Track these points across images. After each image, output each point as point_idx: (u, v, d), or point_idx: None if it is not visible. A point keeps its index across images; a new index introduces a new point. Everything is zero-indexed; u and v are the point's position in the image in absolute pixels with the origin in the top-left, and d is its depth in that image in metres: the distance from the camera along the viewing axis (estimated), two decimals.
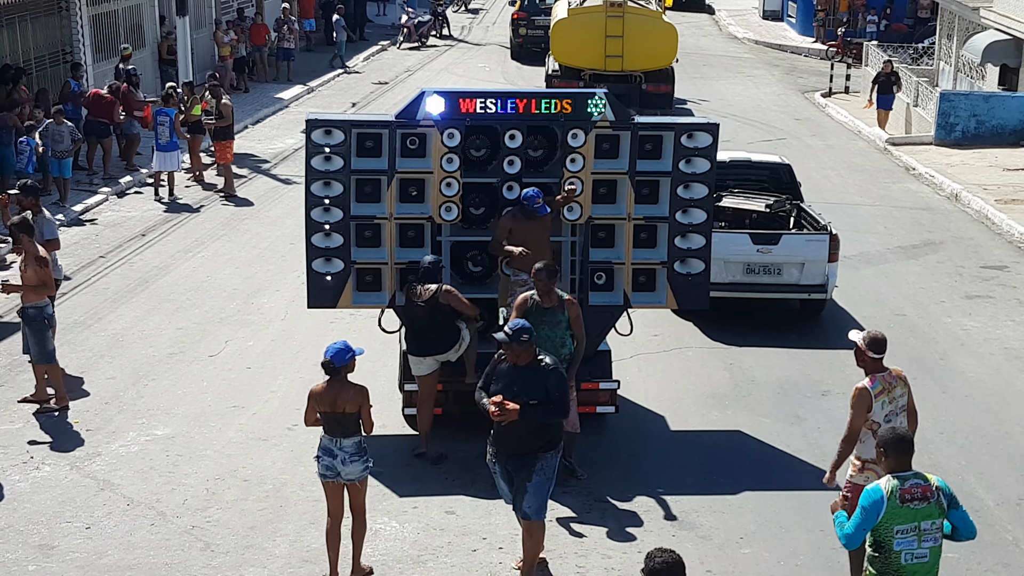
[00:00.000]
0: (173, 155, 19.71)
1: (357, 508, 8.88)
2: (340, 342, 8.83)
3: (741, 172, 15.92)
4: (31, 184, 13.00)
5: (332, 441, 8.70)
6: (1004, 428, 11.89)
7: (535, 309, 10.04)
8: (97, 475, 10.44)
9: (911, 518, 6.98)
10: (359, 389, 8.71)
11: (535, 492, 8.65)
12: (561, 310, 10.07)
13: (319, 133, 10.86)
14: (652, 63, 27.12)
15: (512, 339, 8.51)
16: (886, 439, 7.18)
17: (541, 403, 8.52)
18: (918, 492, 7.01)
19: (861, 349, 8.51)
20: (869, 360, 8.51)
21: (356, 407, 8.65)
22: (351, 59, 35.19)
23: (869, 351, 8.48)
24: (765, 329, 14.43)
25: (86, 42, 23.71)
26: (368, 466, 8.83)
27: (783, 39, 42.49)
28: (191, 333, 13.95)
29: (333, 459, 8.71)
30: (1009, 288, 16.30)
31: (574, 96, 11.10)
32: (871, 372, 8.54)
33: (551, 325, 10.02)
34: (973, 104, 25.27)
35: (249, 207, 19.55)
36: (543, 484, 8.67)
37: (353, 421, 8.68)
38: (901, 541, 7.01)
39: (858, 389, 8.47)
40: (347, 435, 8.68)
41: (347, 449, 8.69)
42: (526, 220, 10.80)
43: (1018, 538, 9.80)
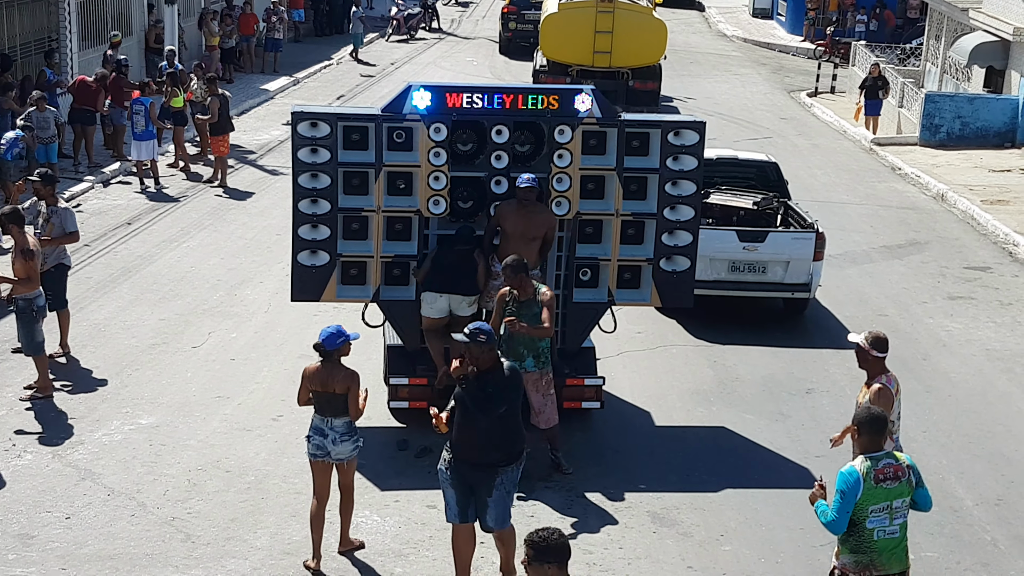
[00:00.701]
0: (150, 144, 19.67)
1: (346, 487, 9.07)
2: (334, 326, 8.97)
3: (728, 169, 15.94)
4: (49, 173, 12.90)
5: (323, 421, 8.86)
6: (986, 428, 11.95)
7: (513, 303, 10.11)
8: (79, 464, 10.41)
9: (884, 497, 7.18)
10: (350, 373, 8.87)
11: (495, 505, 8.41)
12: (536, 303, 10.12)
13: (305, 125, 10.83)
14: (640, 60, 27.11)
15: (469, 339, 8.28)
16: (861, 418, 7.34)
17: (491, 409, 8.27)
18: (890, 472, 7.21)
19: (865, 349, 8.43)
20: (874, 360, 8.44)
21: (345, 389, 8.79)
22: (338, 51, 35.11)
23: (874, 350, 8.42)
24: (749, 327, 14.47)
25: (72, 29, 23.58)
26: (358, 446, 8.98)
27: (772, 37, 42.56)
28: (174, 324, 13.91)
29: (324, 438, 8.84)
30: (991, 290, 16.37)
31: (561, 92, 11.10)
32: (877, 372, 8.45)
33: (528, 317, 10.07)
34: (958, 106, 25.36)
35: (241, 199, 19.49)
36: (504, 498, 8.42)
37: (342, 401, 8.83)
38: (874, 520, 7.20)
39: (880, 387, 8.34)
40: (337, 415, 8.84)
41: (337, 429, 8.84)
42: (520, 212, 10.80)
43: (997, 538, 9.84)
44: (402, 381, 11.11)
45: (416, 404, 11.15)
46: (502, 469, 8.35)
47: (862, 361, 8.50)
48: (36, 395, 11.61)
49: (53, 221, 12.43)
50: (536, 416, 10.35)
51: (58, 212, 12.52)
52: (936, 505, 10.26)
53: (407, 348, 11.36)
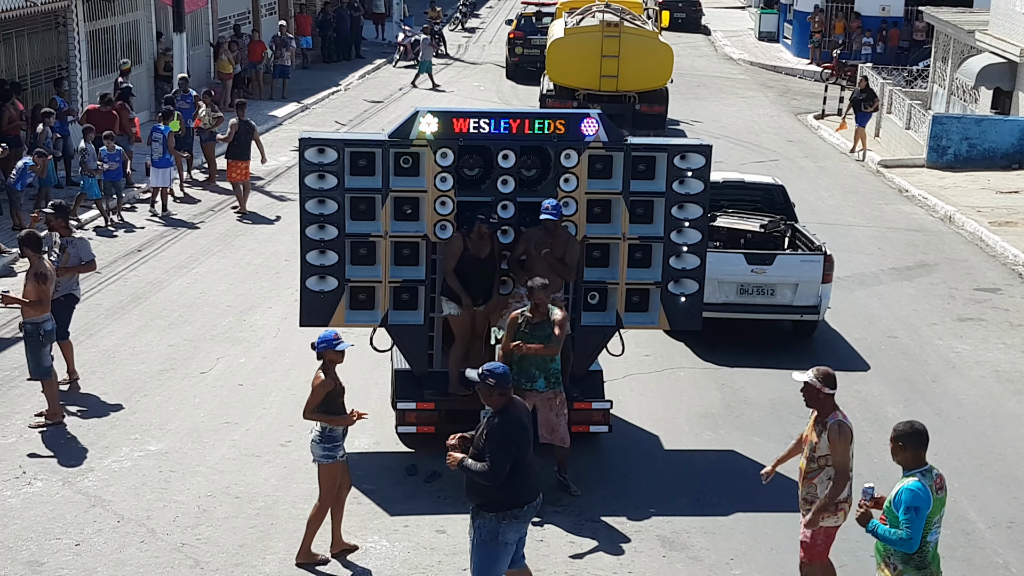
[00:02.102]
0: (166, 172, 19.87)
1: (319, 496, 9.39)
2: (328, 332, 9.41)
3: (735, 192, 15.96)
4: (63, 204, 12.97)
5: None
6: (997, 450, 11.91)
7: (525, 325, 10.13)
8: (89, 491, 10.42)
9: (940, 508, 7.33)
10: (317, 374, 9.27)
11: (472, 553, 8.18)
12: (549, 324, 10.14)
13: (312, 152, 10.88)
14: (647, 84, 27.16)
15: (479, 380, 8.02)
16: (905, 432, 7.33)
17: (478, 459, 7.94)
18: (941, 482, 7.35)
19: (816, 387, 8.11)
20: (824, 397, 8.15)
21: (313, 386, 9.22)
22: (347, 77, 35.26)
23: (825, 387, 8.12)
24: (756, 350, 14.45)
25: (82, 58, 23.75)
26: (327, 455, 9.25)
27: (778, 60, 42.64)
28: (183, 350, 13.93)
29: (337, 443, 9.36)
30: (1001, 311, 16.33)
31: (567, 116, 11.14)
32: (829, 410, 8.16)
33: (542, 339, 10.10)
34: (965, 127, 25.36)
35: (250, 225, 19.55)
36: (477, 547, 8.09)
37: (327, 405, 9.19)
38: (934, 532, 7.32)
39: (840, 424, 8.10)
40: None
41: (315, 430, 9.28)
42: (544, 235, 10.83)
43: (1008, 561, 9.80)
44: (410, 406, 11.12)
45: (424, 429, 11.16)
46: (481, 513, 8.05)
47: (811, 400, 8.18)
48: (47, 422, 11.63)
49: (69, 251, 12.48)
50: (550, 435, 10.37)
51: (73, 242, 12.58)
52: (947, 528, 10.22)
53: (415, 372, 11.37)
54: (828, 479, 8.15)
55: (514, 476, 7.95)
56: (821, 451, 8.16)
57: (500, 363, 8.43)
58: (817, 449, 8.18)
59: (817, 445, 8.17)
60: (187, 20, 26.78)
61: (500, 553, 8.11)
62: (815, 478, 8.20)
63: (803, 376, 8.20)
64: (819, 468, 8.18)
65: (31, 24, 22.12)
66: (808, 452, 8.25)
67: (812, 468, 8.21)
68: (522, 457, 7.98)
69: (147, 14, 27.20)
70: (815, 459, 8.19)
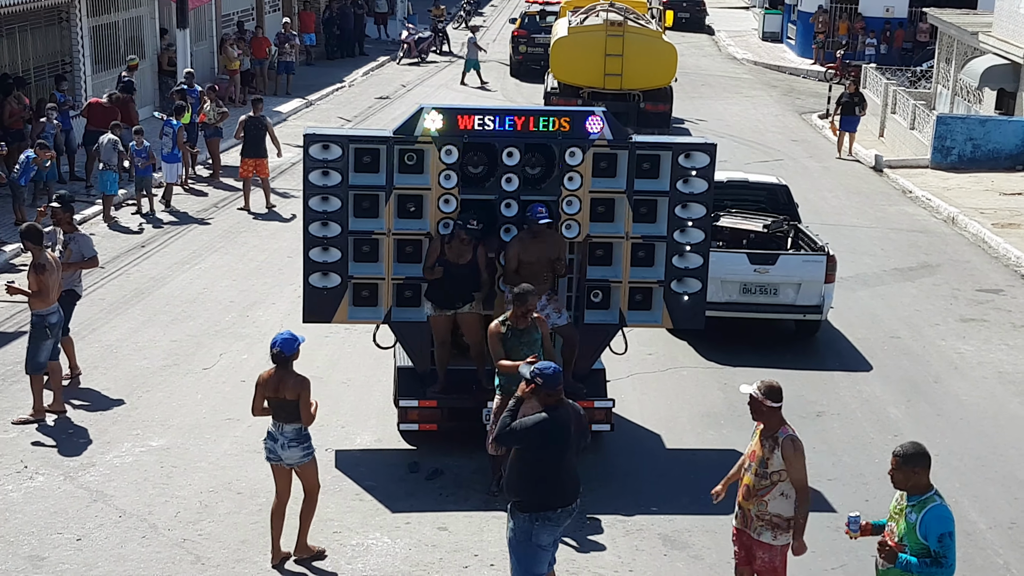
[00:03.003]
0: (174, 167, 19.96)
1: (309, 489, 9.30)
2: (287, 332, 9.23)
3: (739, 192, 15.95)
4: (68, 198, 12.96)
5: (276, 426, 9.12)
6: (998, 451, 11.90)
7: (511, 332, 10.10)
8: (90, 486, 10.42)
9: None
10: (300, 379, 9.06)
11: (510, 553, 8.12)
12: (535, 329, 10.15)
13: (317, 148, 10.87)
14: (651, 82, 27.18)
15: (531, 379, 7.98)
16: (913, 453, 7.15)
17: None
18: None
19: (759, 400, 7.84)
20: (768, 410, 7.84)
21: (296, 395, 8.99)
22: (350, 73, 35.27)
23: (768, 400, 7.83)
24: (758, 350, 14.44)
25: (86, 53, 23.76)
26: (308, 453, 9.16)
27: (782, 60, 42.62)
28: (185, 345, 13.94)
29: (275, 443, 9.11)
30: (1004, 312, 16.32)
31: (572, 114, 11.13)
32: (777, 424, 7.88)
33: (528, 344, 10.11)
34: (969, 128, 25.34)
35: (253, 221, 19.56)
36: (514, 548, 8.06)
37: (294, 408, 9.02)
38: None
39: (792, 439, 7.80)
40: (288, 421, 9.05)
41: (287, 435, 9.06)
42: (532, 240, 10.81)
43: (1009, 562, 9.80)
44: (412, 403, 11.11)
45: (426, 426, 11.16)
46: (515, 514, 8.06)
47: (756, 413, 7.90)
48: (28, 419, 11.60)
49: (71, 247, 12.48)
50: None
51: (75, 238, 12.58)
52: None
53: (418, 370, 11.37)
54: (782, 495, 7.82)
55: (548, 478, 7.91)
56: (774, 467, 7.82)
57: (553, 363, 8.18)
58: (769, 465, 7.83)
59: (769, 461, 7.83)
60: (191, 16, 26.78)
61: (535, 554, 8.03)
62: (767, 495, 7.84)
63: (748, 388, 7.95)
64: (771, 484, 7.83)
65: (34, 19, 22.12)
66: (758, 468, 7.89)
67: (764, 485, 7.85)
68: (558, 459, 7.93)
69: (151, 10, 27.19)
70: (767, 475, 7.83)
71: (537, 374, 7.93)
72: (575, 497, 8.11)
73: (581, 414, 8.24)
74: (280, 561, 9.24)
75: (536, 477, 7.94)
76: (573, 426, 8.03)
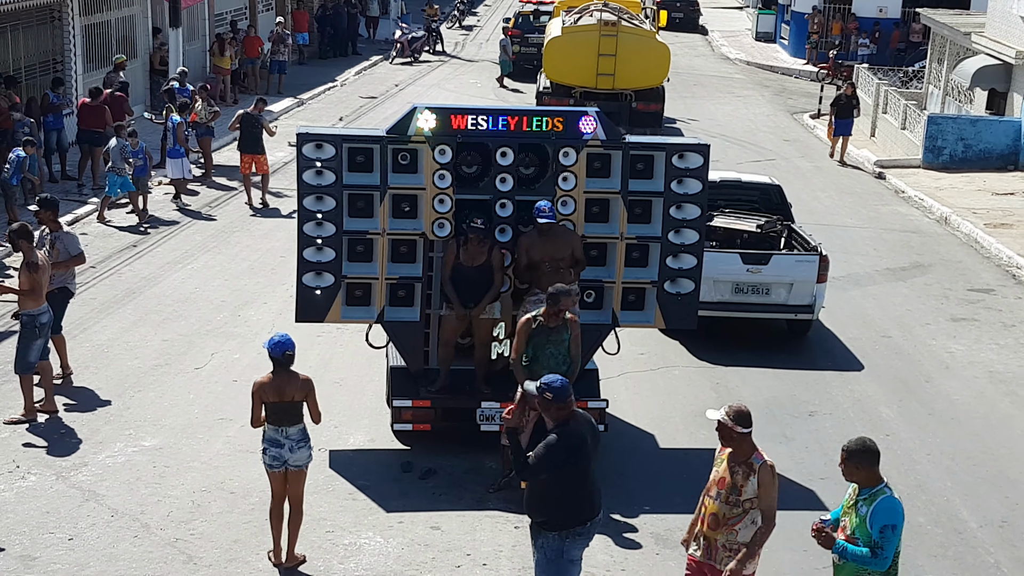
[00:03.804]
0: (177, 162, 20.08)
1: (295, 499, 9.21)
2: (282, 335, 9.18)
3: (732, 192, 15.98)
4: (50, 198, 12.95)
5: (278, 431, 9.03)
6: (989, 450, 11.93)
7: (540, 329, 10.05)
8: (82, 486, 10.41)
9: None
10: (306, 379, 9.08)
11: (538, 572, 7.92)
12: (565, 329, 10.09)
13: (310, 147, 10.86)
14: (644, 82, 27.20)
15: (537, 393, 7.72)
16: (858, 451, 7.12)
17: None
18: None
19: (728, 427, 7.52)
20: (739, 436, 7.52)
21: (304, 396, 9.01)
22: (343, 73, 35.24)
23: (738, 426, 7.51)
24: (751, 349, 14.46)
25: (77, 52, 23.72)
26: (312, 451, 9.16)
27: (775, 60, 42.67)
28: (177, 345, 13.92)
29: (280, 448, 9.02)
30: (995, 311, 16.37)
31: (565, 114, 11.13)
32: (749, 450, 7.54)
33: (556, 343, 10.06)
34: (961, 128, 25.41)
35: (245, 220, 19.54)
36: (544, 567, 7.84)
37: (298, 410, 9.02)
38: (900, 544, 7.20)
39: (771, 466, 7.48)
40: (292, 423, 9.02)
41: (293, 437, 9.02)
42: (540, 237, 10.79)
43: (1000, 560, 9.82)
44: (405, 403, 11.10)
45: (420, 426, 11.16)
46: (542, 533, 7.83)
47: (726, 439, 7.56)
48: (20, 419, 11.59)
49: (58, 246, 12.46)
50: None
51: (61, 237, 12.56)
52: (940, 527, 10.30)
53: (411, 370, 11.37)
54: (752, 522, 7.47)
55: (573, 494, 7.71)
56: (748, 494, 7.45)
57: (559, 376, 7.88)
58: (743, 492, 7.45)
59: (743, 488, 7.45)
60: (183, 15, 26.75)
61: (568, 570, 7.86)
62: (738, 523, 7.47)
63: (715, 414, 7.61)
64: (743, 512, 7.46)
65: (26, 18, 22.08)
66: (728, 495, 7.49)
67: (736, 513, 7.46)
68: (581, 472, 7.70)
69: (143, 9, 27.16)
70: (739, 503, 7.45)
71: (545, 388, 7.64)
72: (600, 506, 7.91)
73: (593, 422, 7.97)
74: (282, 560, 9.20)
75: (561, 495, 7.69)
76: (589, 437, 7.74)
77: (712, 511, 7.57)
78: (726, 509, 7.49)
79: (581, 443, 7.66)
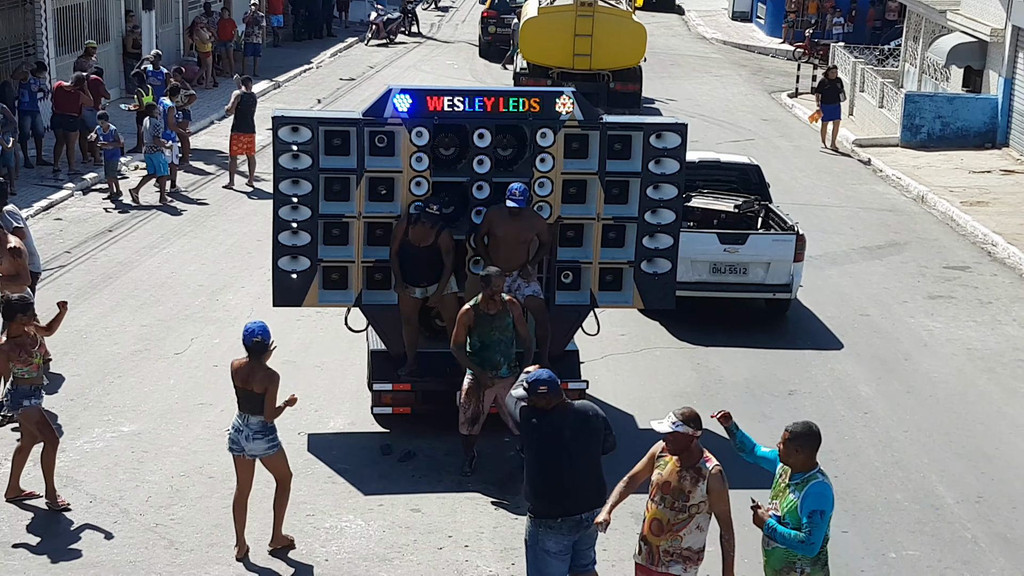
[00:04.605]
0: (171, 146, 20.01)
1: (280, 479, 9.19)
2: (256, 323, 9.07)
3: (710, 172, 15.99)
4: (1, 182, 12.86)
5: (242, 417, 9.01)
6: (966, 427, 12.01)
7: (483, 317, 10.11)
8: (61, 472, 10.33)
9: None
10: (269, 374, 8.93)
11: (593, 544, 7.89)
12: (506, 313, 10.16)
13: (286, 130, 10.80)
14: (621, 62, 27.18)
15: (529, 393, 7.67)
16: (803, 434, 7.06)
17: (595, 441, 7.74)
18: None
19: (689, 435, 7.20)
20: (695, 442, 7.29)
21: (263, 389, 8.89)
22: (318, 55, 35.07)
23: (698, 431, 7.26)
24: (731, 329, 14.50)
25: (49, 35, 23.50)
26: (273, 446, 9.05)
27: (751, 40, 42.69)
28: (156, 330, 13.86)
29: (239, 434, 9.00)
30: (971, 288, 16.45)
31: (542, 94, 11.11)
32: (698, 453, 7.29)
33: (500, 329, 10.16)
34: (938, 106, 25.47)
35: (221, 204, 19.45)
36: (526, 548, 7.87)
37: (260, 400, 8.91)
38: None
39: (721, 472, 7.25)
40: (254, 412, 8.95)
41: (252, 426, 8.97)
42: (509, 217, 10.79)
43: (977, 536, 9.89)
44: (385, 387, 11.10)
45: (400, 410, 11.16)
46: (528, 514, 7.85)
47: (681, 447, 7.23)
48: None
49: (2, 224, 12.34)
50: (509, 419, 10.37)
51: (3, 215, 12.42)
52: (917, 503, 10.37)
53: (391, 353, 11.35)
54: (697, 528, 7.24)
55: (548, 485, 7.61)
56: (696, 499, 7.19)
57: (545, 370, 7.80)
58: (691, 498, 7.19)
59: (691, 493, 7.18)
60: None
61: (543, 559, 7.69)
62: (683, 529, 7.22)
63: (666, 426, 7.21)
64: (689, 518, 7.20)
65: None
66: (674, 501, 7.22)
67: (681, 519, 7.20)
68: (553, 466, 7.57)
69: None
70: (686, 508, 7.18)
71: (538, 384, 7.58)
72: (583, 507, 7.64)
73: (588, 415, 7.79)
74: (245, 555, 9.14)
75: (533, 483, 7.66)
76: (569, 430, 7.60)
77: (655, 516, 7.29)
78: (671, 515, 7.22)
79: (553, 433, 7.57)
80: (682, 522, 7.21)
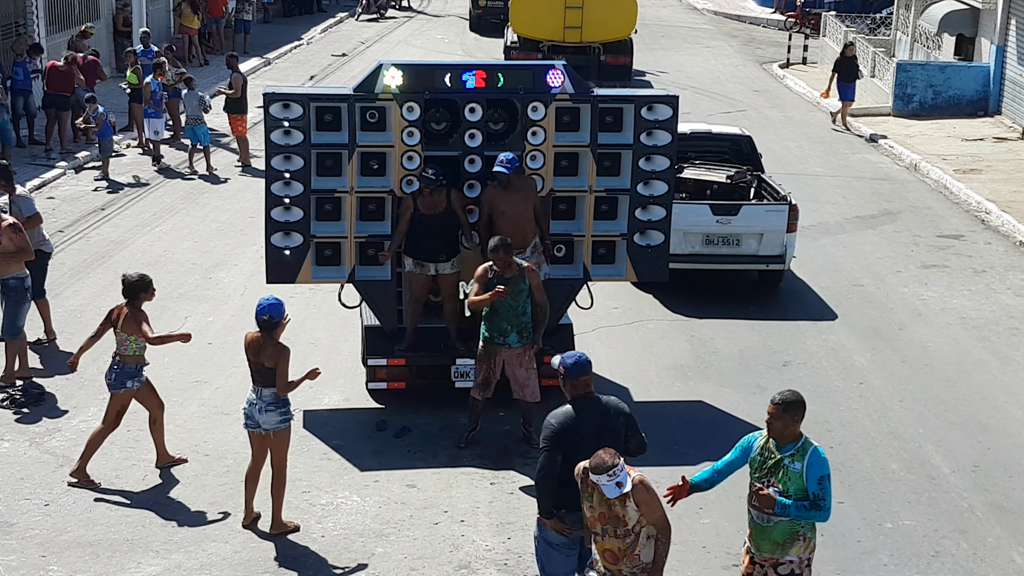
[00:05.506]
0: (157, 122, 20.28)
1: (277, 463, 9.15)
2: (272, 299, 9.01)
3: (702, 144, 15.96)
4: (2, 164, 12.81)
5: (255, 390, 9.05)
6: (962, 396, 12.03)
7: (496, 279, 10.10)
8: (57, 451, 10.37)
9: None
10: (279, 348, 8.96)
11: None
12: (522, 279, 10.13)
13: (277, 107, 10.77)
14: (611, 34, 27.09)
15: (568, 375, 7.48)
16: (795, 400, 7.02)
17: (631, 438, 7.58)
18: None
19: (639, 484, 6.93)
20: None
21: (273, 364, 8.92)
22: (309, 31, 34.91)
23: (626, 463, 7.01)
24: (725, 301, 14.51)
25: (39, 14, 23.36)
26: (286, 419, 9.07)
27: (742, 10, 42.55)
28: (150, 308, 13.68)
29: (252, 407, 9.05)
30: (965, 257, 16.46)
31: (533, 68, 11.07)
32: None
33: (513, 295, 10.09)
34: (930, 74, 25.43)
35: (214, 182, 19.40)
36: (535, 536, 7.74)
37: (271, 374, 8.95)
38: None
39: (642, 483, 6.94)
40: (267, 385, 8.99)
41: (265, 398, 9.00)
42: (505, 192, 10.77)
43: (973, 505, 9.92)
44: (380, 362, 11.11)
45: (394, 385, 11.17)
46: None
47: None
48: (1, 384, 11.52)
49: (14, 210, 12.35)
50: (521, 391, 10.39)
51: (16, 200, 12.45)
52: (913, 473, 10.40)
53: (385, 329, 11.34)
54: (648, 538, 6.98)
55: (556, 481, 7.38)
56: (632, 520, 6.91)
57: (578, 352, 7.64)
58: (627, 520, 6.91)
59: (625, 516, 6.90)
60: None
61: (547, 552, 7.56)
62: (635, 549, 6.96)
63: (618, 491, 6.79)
64: (636, 537, 6.94)
65: None
66: (615, 530, 6.93)
67: (629, 542, 6.93)
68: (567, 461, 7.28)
69: None
70: (629, 532, 6.92)
71: (561, 362, 7.48)
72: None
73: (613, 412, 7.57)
74: (252, 522, 9.22)
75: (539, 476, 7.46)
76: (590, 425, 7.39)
77: (606, 548, 7.01)
78: (618, 543, 6.96)
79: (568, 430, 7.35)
80: (631, 544, 6.96)
